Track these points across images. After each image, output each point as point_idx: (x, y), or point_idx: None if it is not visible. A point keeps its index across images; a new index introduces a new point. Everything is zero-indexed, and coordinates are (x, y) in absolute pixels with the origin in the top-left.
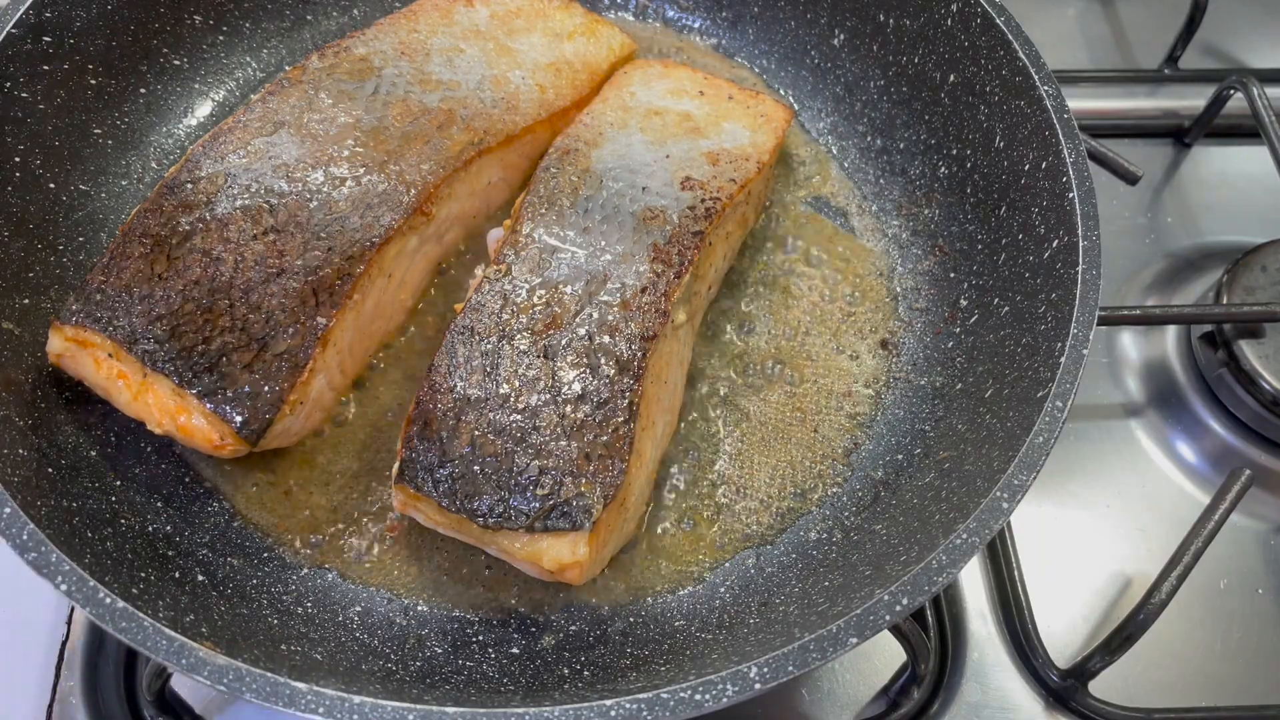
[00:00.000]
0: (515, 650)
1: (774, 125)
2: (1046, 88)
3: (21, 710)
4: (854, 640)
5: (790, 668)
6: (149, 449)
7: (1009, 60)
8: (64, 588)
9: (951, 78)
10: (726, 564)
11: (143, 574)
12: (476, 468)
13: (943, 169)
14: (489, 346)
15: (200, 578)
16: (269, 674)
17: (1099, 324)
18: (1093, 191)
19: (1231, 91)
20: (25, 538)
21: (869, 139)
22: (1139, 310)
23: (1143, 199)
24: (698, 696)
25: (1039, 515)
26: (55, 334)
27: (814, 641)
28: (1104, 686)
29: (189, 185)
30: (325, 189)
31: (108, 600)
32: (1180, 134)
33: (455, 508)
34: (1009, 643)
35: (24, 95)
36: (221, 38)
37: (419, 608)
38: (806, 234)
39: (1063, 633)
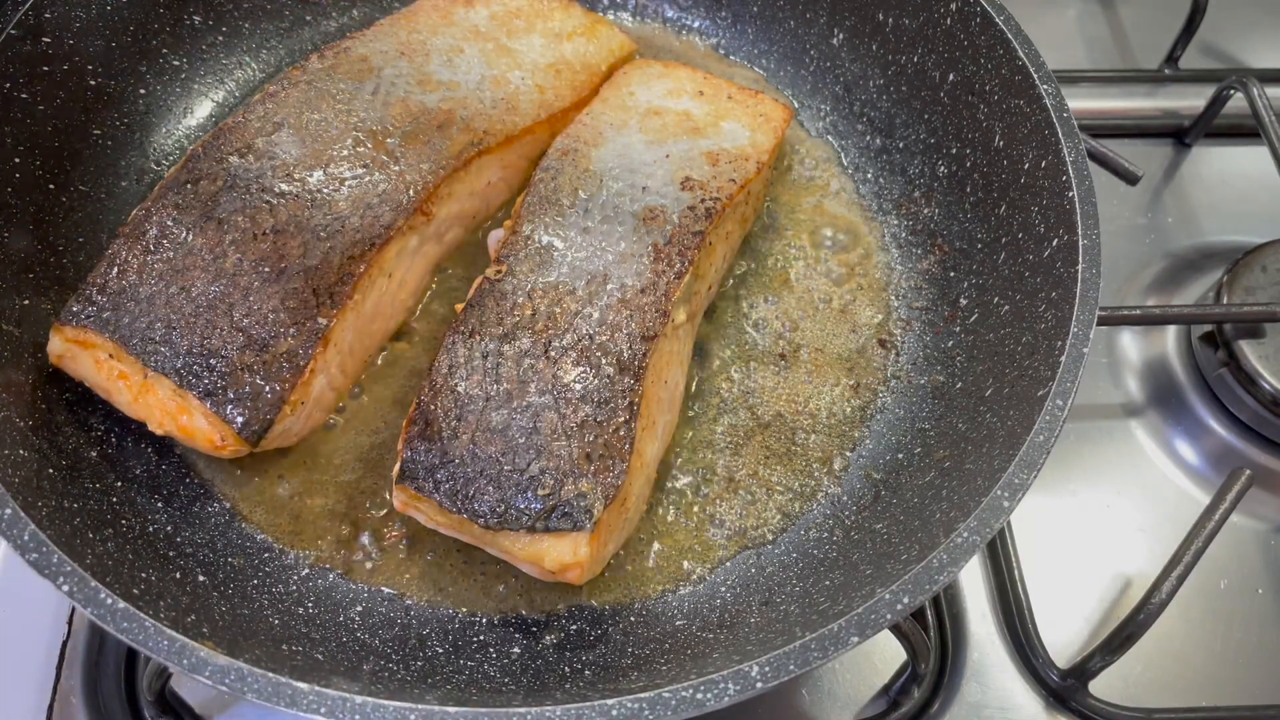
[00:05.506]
0: (516, 650)
1: (773, 125)
2: (1046, 87)
3: (21, 710)
4: (855, 639)
5: (792, 666)
6: (149, 449)
7: (1008, 59)
8: (66, 588)
9: (951, 77)
10: (727, 563)
11: (144, 574)
12: (477, 468)
13: (942, 168)
14: (489, 346)
15: (201, 578)
16: (271, 674)
17: (1099, 324)
18: (1092, 190)
19: (1231, 91)
20: (27, 539)
21: (868, 138)
22: (1139, 310)
23: (1143, 199)
24: (699, 695)
25: (1039, 515)
26: (56, 335)
27: (815, 640)
28: (1104, 686)
29: (189, 185)
30: (325, 189)
31: (109, 601)
32: (1180, 134)
33: (456, 508)
34: (1009, 643)
35: (23, 96)
36: (221, 38)
37: (420, 608)
38: (805, 233)
39: (1063, 633)
